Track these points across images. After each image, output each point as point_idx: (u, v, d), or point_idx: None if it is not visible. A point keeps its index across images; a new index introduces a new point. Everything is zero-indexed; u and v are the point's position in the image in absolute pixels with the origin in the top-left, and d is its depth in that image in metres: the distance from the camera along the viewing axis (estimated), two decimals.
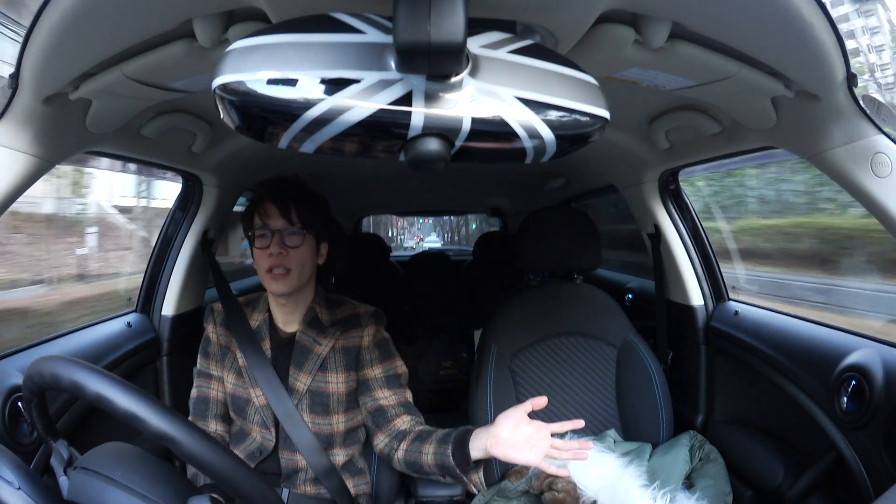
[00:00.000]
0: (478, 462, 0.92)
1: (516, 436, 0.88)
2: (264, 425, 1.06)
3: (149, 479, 0.60)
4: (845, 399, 0.99)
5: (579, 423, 0.89)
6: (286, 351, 1.08)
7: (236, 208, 1.66)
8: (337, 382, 1.06)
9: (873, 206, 0.81)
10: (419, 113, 0.45)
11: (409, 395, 1.11)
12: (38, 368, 0.60)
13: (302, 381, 1.05)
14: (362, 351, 1.09)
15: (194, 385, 1.13)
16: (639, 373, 1.38)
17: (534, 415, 1.34)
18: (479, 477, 0.94)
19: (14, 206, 0.82)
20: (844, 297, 2.33)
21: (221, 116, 0.46)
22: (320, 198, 1.10)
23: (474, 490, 0.96)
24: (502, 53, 0.49)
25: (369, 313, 1.12)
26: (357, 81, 0.44)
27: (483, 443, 0.89)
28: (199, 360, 1.14)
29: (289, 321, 1.10)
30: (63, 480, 0.62)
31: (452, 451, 0.92)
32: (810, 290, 2.50)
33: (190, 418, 1.10)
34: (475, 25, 0.48)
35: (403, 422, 1.06)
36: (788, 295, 2.53)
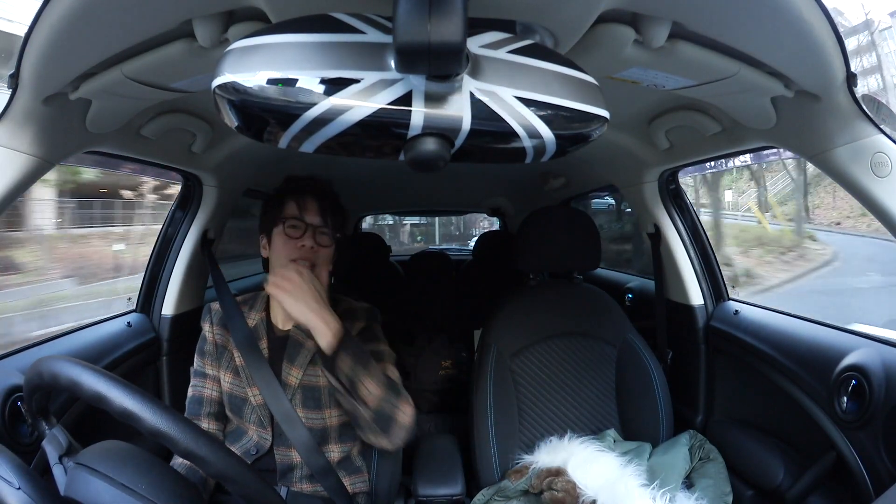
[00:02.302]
0: (329, 357, 0.90)
1: (283, 293, 0.90)
2: (261, 424, 1.06)
3: (147, 480, 0.60)
4: (845, 399, 0.99)
5: None
6: (283, 348, 1.08)
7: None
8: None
9: (873, 206, 0.81)
10: (419, 113, 0.45)
11: (388, 370, 1.04)
12: (37, 369, 0.60)
13: (294, 376, 1.05)
14: None
15: (190, 385, 1.13)
16: (639, 372, 1.38)
17: (533, 414, 1.35)
18: (335, 370, 0.91)
19: None
20: None
21: (221, 116, 0.46)
22: (344, 208, 1.15)
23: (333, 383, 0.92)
24: (502, 53, 0.49)
25: (364, 309, 1.13)
26: (357, 81, 0.44)
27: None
28: (195, 359, 1.14)
29: (287, 320, 1.10)
30: (58, 469, 0.62)
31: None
32: None
33: None
34: (475, 25, 0.48)
35: None
36: None
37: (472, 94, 0.46)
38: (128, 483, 0.58)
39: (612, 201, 3.29)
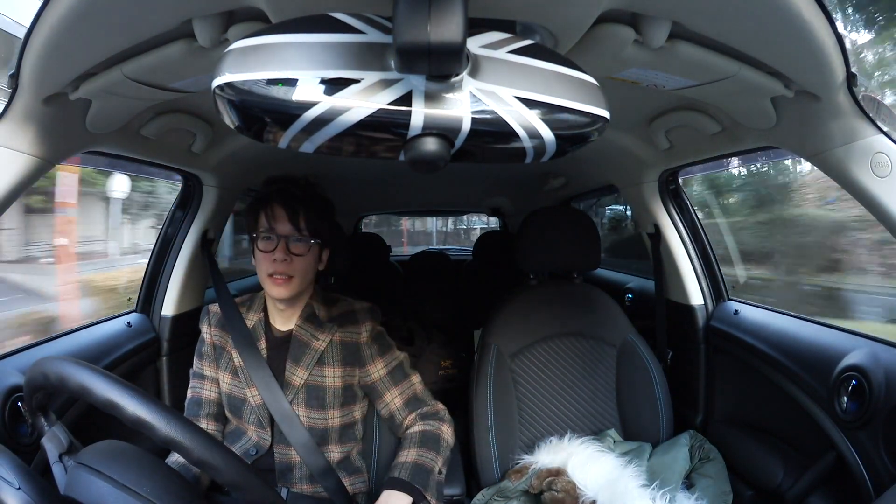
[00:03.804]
0: None
1: None
2: (260, 424, 1.06)
3: (148, 480, 0.60)
4: (845, 399, 0.99)
5: None
6: (282, 348, 1.08)
7: None
8: (333, 377, 1.07)
9: (873, 206, 0.81)
10: (419, 113, 0.45)
11: (414, 381, 1.14)
12: (42, 370, 0.59)
13: (298, 376, 1.05)
14: (362, 347, 1.09)
15: (189, 386, 1.13)
16: (639, 373, 1.38)
17: (533, 414, 1.35)
18: None
19: None
20: None
21: (221, 116, 0.46)
22: (328, 202, 1.10)
23: None
24: (502, 53, 0.49)
25: (365, 309, 1.13)
26: (357, 81, 0.44)
27: None
28: (194, 360, 1.14)
29: (285, 321, 1.11)
30: (58, 468, 0.62)
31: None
32: None
33: None
34: (475, 25, 0.48)
35: (410, 422, 1.11)
36: None
37: (472, 95, 0.46)
38: (130, 485, 0.58)
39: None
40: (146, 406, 0.55)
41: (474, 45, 0.48)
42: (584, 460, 1.19)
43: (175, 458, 1.03)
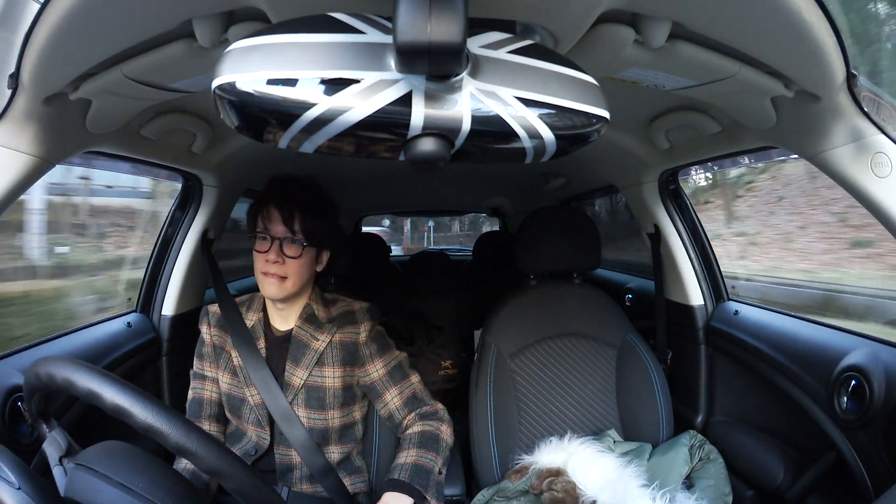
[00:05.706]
0: None
1: None
2: (259, 424, 1.06)
3: (145, 479, 0.59)
4: (845, 399, 0.99)
5: None
6: (282, 348, 1.08)
7: None
8: (333, 377, 1.07)
9: (873, 207, 0.81)
10: (419, 113, 0.45)
11: (413, 380, 1.13)
12: (35, 370, 0.60)
13: (298, 377, 1.05)
14: (360, 347, 1.09)
15: (190, 387, 1.13)
16: (639, 373, 1.38)
17: (533, 414, 1.35)
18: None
19: None
20: None
21: (221, 116, 0.46)
22: (329, 204, 1.08)
23: None
24: (502, 53, 0.49)
25: (364, 309, 1.13)
26: (357, 81, 0.44)
27: None
28: (194, 361, 1.14)
29: (284, 321, 1.11)
30: (58, 471, 0.62)
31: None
32: None
33: None
34: (475, 25, 0.48)
35: (409, 422, 1.11)
36: None
37: (472, 95, 0.46)
38: (126, 482, 0.58)
39: None
40: (123, 393, 0.55)
41: (474, 45, 0.48)
42: (585, 460, 1.19)
43: (184, 465, 1.03)
